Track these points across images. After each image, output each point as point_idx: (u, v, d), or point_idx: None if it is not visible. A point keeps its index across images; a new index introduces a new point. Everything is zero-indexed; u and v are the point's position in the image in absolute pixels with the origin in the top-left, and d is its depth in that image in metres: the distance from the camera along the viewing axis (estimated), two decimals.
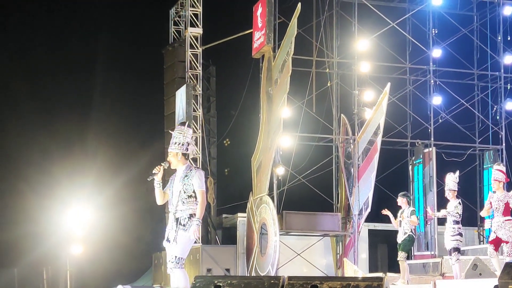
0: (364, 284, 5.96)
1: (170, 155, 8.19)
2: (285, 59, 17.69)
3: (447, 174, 12.99)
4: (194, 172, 8.06)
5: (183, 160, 8.15)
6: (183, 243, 7.99)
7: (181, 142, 8.14)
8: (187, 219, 8.00)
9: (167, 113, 21.91)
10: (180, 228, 7.99)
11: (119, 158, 23.40)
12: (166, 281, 20.94)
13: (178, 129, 8.23)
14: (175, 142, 8.17)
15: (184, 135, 8.17)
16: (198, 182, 8.02)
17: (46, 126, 23.53)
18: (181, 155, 8.14)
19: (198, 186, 8.01)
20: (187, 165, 8.15)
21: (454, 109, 19.91)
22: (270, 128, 18.27)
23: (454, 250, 12.48)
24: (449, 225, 12.64)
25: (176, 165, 8.16)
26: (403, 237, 13.37)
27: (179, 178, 8.12)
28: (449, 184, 12.80)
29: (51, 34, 24.01)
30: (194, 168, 8.14)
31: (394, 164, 20.11)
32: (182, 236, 7.97)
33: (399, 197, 13.81)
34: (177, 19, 21.95)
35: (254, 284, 6.29)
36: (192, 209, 8.03)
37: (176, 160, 8.14)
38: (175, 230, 8.00)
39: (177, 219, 8.03)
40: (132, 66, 23.43)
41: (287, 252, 18.12)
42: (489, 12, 20.23)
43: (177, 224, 8.02)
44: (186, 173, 8.08)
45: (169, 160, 8.17)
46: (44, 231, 21.95)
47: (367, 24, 19.23)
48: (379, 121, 17.96)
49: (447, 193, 12.80)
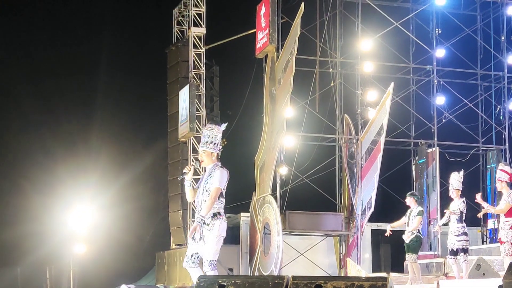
0: (368, 284, 5.96)
1: (204, 154, 8.10)
2: (289, 58, 17.69)
3: (452, 173, 12.99)
4: (216, 170, 8.02)
5: (215, 159, 8.16)
6: (212, 245, 7.94)
7: (215, 142, 8.11)
8: (211, 218, 7.98)
9: (170, 113, 21.92)
10: (204, 227, 7.97)
11: (123, 157, 23.45)
12: (169, 280, 20.97)
13: (212, 128, 8.17)
14: (210, 142, 8.11)
15: (216, 134, 8.14)
16: (216, 178, 7.97)
17: (49, 126, 23.58)
18: (215, 155, 8.14)
19: (215, 182, 7.96)
20: (214, 164, 8.11)
21: (457, 109, 19.90)
22: (273, 128, 18.27)
23: (462, 251, 12.48)
24: (453, 224, 12.62)
25: (207, 164, 8.13)
26: (411, 237, 13.30)
27: (205, 178, 8.10)
28: (453, 183, 12.79)
29: (54, 33, 24.07)
30: (219, 167, 8.08)
31: (397, 164, 20.10)
32: (209, 237, 7.94)
33: (407, 196, 13.80)
34: (180, 19, 21.96)
35: (258, 284, 6.28)
36: (216, 208, 8.01)
37: (210, 160, 8.10)
38: (200, 230, 7.98)
39: (202, 218, 8.02)
40: (135, 66, 23.48)
41: (290, 252, 18.13)
42: (492, 12, 20.21)
43: (202, 224, 8.00)
44: (211, 172, 8.06)
45: (200, 159, 8.12)
46: (47, 230, 21.99)
47: (371, 24, 19.22)
48: (382, 121, 17.95)
49: (451, 192, 12.79)
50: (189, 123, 20.21)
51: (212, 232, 7.94)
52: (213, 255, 7.95)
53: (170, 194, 21.78)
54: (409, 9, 20.28)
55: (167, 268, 21.56)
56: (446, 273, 15.09)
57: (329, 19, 19.10)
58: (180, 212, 20.82)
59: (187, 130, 20.40)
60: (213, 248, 7.94)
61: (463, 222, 12.60)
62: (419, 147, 19.82)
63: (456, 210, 12.55)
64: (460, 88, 20.08)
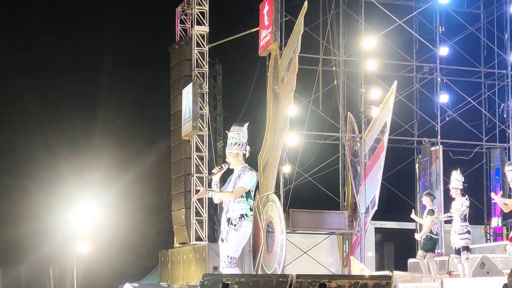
0: (372, 283, 5.95)
1: (230, 156, 8.18)
2: (292, 57, 17.67)
3: (452, 172, 12.98)
4: (246, 172, 8.09)
5: (242, 160, 8.21)
6: (234, 243, 8.02)
7: (240, 143, 8.16)
8: (238, 219, 8.03)
9: (173, 111, 21.93)
10: (231, 228, 8.03)
11: (126, 156, 23.44)
12: (173, 278, 20.99)
13: (235, 129, 8.23)
14: (235, 143, 8.16)
15: (242, 135, 8.19)
16: (244, 179, 8.05)
17: (53, 124, 23.58)
18: (241, 155, 8.15)
19: (242, 182, 8.04)
20: (242, 166, 8.17)
21: (461, 107, 19.86)
22: (276, 126, 18.26)
23: (464, 249, 12.45)
24: (457, 223, 12.60)
25: (235, 165, 8.19)
26: (423, 237, 13.31)
27: (233, 179, 8.16)
28: (452, 182, 12.79)
29: (57, 31, 24.05)
30: (248, 169, 8.17)
31: (400, 162, 20.07)
32: (233, 236, 8.01)
33: (423, 196, 13.80)
34: (183, 17, 21.96)
35: (262, 283, 6.28)
36: (243, 209, 8.07)
37: (236, 161, 8.17)
38: (226, 230, 8.03)
39: (229, 219, 8.08)
40: (138, 64, 23.46)
41: (294, 250, 18.12)
42: (496, 10, 20.17)
43: (228, 224, 8.05)
44: (240, 174, 8.13)
45: (228, 162, 8.18)
46: (50, 229, 22.00)
47: (374, 22, 19.19)
48: (386, 119, 17.93)
49: (452, 191, 12.78)
50: (192, 122, 20.22)
51: (238, 232, 8.04)
52: (234, 252, 8.05)
53: (173, 192, 21.79)
54: (413, 7, 20.24)
55: (171, 266, 21.58)
56: (450, 272, 15.07)
57: (332, 17, 19.07)
58: (183, 211, 20.83)
59: (190, 128, 20.41)
60: (236, 246, 8.05)
61: (466, 221, 12.57)
62: (422, 145, 19.79)
63: (464, 210, 12.53)
64: (463, 86, 20.04)
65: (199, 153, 20.84)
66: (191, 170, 20.77)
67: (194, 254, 19.89)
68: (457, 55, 20.13)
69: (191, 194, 20.70)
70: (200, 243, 20.06)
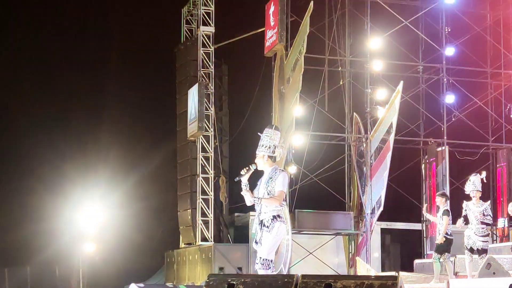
0: (378, 283, 5.93)
1: (258, 157, 8.25)
2: (298, 57, 17.67)
3: (473, 175, 12.94)
4: (278, 174, 8.13)
5: (270, 162, 8.22)
6: (268, 245, 8.05)
7: (268, 145, 8.22)
8: (271, 221, 8.06)
9: (179, 112, 21.94)
10: (264, 230, 8.07)
11: (132, 156, 23.45)
12: (179, 279, 20.99)
13: (266, 132, 8.31)
14: (262, 145, 8.25)
15: (272, 138, 8.26)
16: (280, 183, 8.11)
17: (59, 125, 23.62)
18: (268, 157, 8.19)
19: (279, 186, 8.10)
20: (273, 168, 8.22)
21: (467, 108, 19.83)
22: (282, 127, 18.24)
23: (484, 251, 12.46)
24: (476, 225, 12.58)
25: (263, 167, 8.25)
26: (439, 240, 13.22)
27: (265, 181, 8.20)
28: (477, 185, 12.77)
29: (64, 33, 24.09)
30: (279, 171, 8.22)
31: (406, 163, 20.04)
32: (266, 238, 8.04)
33: (437, 196, 13.75)
34: (189, 18, 21.97)
35: (267, 283, 6.27)
36: (276, 210, 8.10)
37: (263, 162, 8.22)
38: (260, 232, 8.06)
39: (261, 221, 8.12)
40: (144, 65, 23.47)
41: (299, 251, 18.11)
42: (502, 10, 20.13)
43: (261, 226, 8.09)
44: (271, 176, 8.17)
45: (256, 162, 8.23)
46: (57, 229, 22.03)
47: (380, 22, 19.18)
48: (392, 119, 17.91)
49: (475, 193, 12.74)
50: (198, 122, 20.22)
51: (271, 233, 8.06)
52: (267, 254, 8.07)
53: (179, 193, 21.79)
54: (419, 7, 20.21)
55: (176, 267, 21.58)
56: (456, 272, 15.03)
57: (338, 17, 19.06)
58: (189, 211, 20.83)
59: (196, 129, 20.41)
60: (269, 247, 8.07)
61: (485, 224, 12.57)
62: (428, 146, 19.76)
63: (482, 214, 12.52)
64: (469, 87, 20.01)
65: (204, 154, 20.84)
66: (197, 170, 20.77)
67: (200, 255, 19.90)
68: (463, 55, 20.10)
69: (197, 194, 20.70)
70: (206, 244, 20.06)
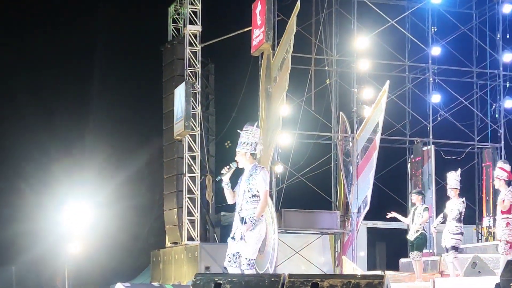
0: (364, 282, 5.94)
1: (239, 155, 8.23)
2: (284, 56, 17.66)
3: (449, 172, 12.94)
4: (259, 172, 8.12)
5: (251, 159, 8.22)
6: (252, 243, 8.06)
7: (249, 142, 8.21)
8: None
9: (165, 111, 21.88)
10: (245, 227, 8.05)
11: (118, 156, 23.38)
12: (165, 278, 20.94)
13: (246, 129, 8.28)
14: (243, 142, 8.23)
15: (253, 135, 8.23)
16: (262, 182, 8.09)
17: (44, 124, 23.49)
18: (249, 154, 8.16)
19: (262, 185, 8.09)
20: (253, 165, 8.21)
21: (453, 107, 19.90)
22: (269, 126, 18.24)
23: (453, 249, 12.44)
24: (452, 223, 12.58)
25: (244, 164, 8.23)
26: (415, 235, 13.22)
27: (245, 178, 8.19)
28: (451, 182, 12.73)
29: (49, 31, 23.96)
30: (260, 168, 8.22)
31: (393, 162, 20.10)
32: (250, 236, 8.02)
33: (413, 194, 13.76)
34: (176, 17, 21.92)
35: (254, 282, 6.27)
36: (256, 208, 8.07)
37: (244, 160, 8.21)
38: (240, 230, 8.04)
39: (242, 218, 8.10)
40: (131, 64, 23.39)
41: (286, 250, 18.11)
42: (488, 10, 20.23)
43: (242, 223, 8.09)
44: (252, 173, 8.16)
45: (237, 160, 8.20)
46: (42, 229, 21.92)
47: (366, 22, 19.21)
48: (378, 119, 17.94)
49: (449, 191, 12.73)
50: (185, 121, 20.18)
51: (253, 232, 8.04)
52: (253, 254, 8.08)
53: (165, 192, 21.74)
54: (405, 7, 20.27)
55: (162, 266, 21.53)
56: (442, 271, 15.08)
57: (324, 17, 19.07)
58: (175, 210, 20.79)
59: (182, 128, 20.37)
60: (254, 247, 8.08)
61: (461, 222, 12.57)
62: (414, 145, 19.82)
63: (455, 211, 12.51)
64: (455, 86, 20.08)
65: (191, 153, 20.80)
66: (183, 169, 20.73)
67: (186, 254, 19.86)
68: (449, 55, 20.18)
69: (183, 193, 20.66)
70: (192, 243, 20.02)
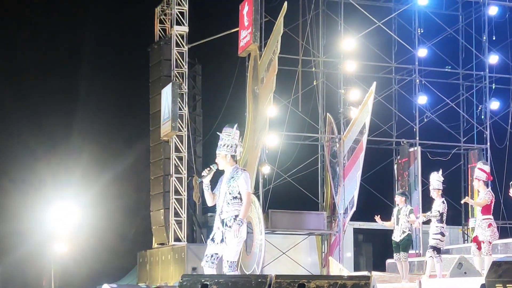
0: (351, 283, 5.95)
1: (219, 157, 8.20)
2: (271, 58, 17.68)
3: (432, 173, 13.00)
4: (240, 174, 8.10)
5: (231, 161, 8.19)
6: (233, 245, 8.00)
7: (229, 144, 8.18)
8: (233, 220, 8.01)
9: (152, 112, 21.85)
10: (226, 229, 8.02)
11: (104, 156, 23.32)
12: (151, 279, 20.90)
13: (226, 131, 8.25)
14: (224, 144, 8.20)
15: (233, 137, 8.20)
16: (244, 183, 8.07)
17: (31, 124, 23.40)
18: (230, 156, 8.15)
19: (243, 187, 8.06)
20: (234, 167, 8.18)
21: (439, 109, 19.99)
22: (256, 127, 18.26)
23: (431, 248, 12.51)
24: (433, 224, 12.67)
25: (224, 166, 8.21)
26: (402, 236, 13.25)
27: (226, 180, 8.16)
28: (433, 183, 12.79)
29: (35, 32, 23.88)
30: (241, 170, 8.19)
31: (379, 163, 20.16)
32: (231, 238, 7.98)
33: (397, 195, 13.78)
34: (163, 17, 21.89)
35: (241, 283, 6.27)
36: (237, 210, 8.05)
37: (225, 162, 8.18)
38: (221, 232, 8.00)
39: (223, 220, 8.06)
40: (117, 64, 23.34)
41: (273, 251, 18.12)
42: (474, 12, 20.33)
43: (223, 226, 8.04)
44: (233, 175, 8.13)
45: (217, 162, 8.18)
46: (28, 229, 21.83)
47: (353, 24, 19.26)
48: (365, 120, 17.98)
49: (432, 192, 12.79)
50: (171, 122, 20.16)
51: (234, 234, 7.99)
52: (234, 256, 8.04)
53: (152, 193, 21.71)
54: (392, 8, 20.35)
55: (149, 267, 21.49)
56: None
57: (312, 18, 19.11)
58: (162, 211, 20.76)
59: (169, 129, 20.35)
60: (235, 249, 8.03)
61: (443, 222, 12.60)
62: (401, 146, 19.89)
63: (435, 212, 12.57)
64: (442, 88, 20.17)
65: (178, 154, 20.78)
66: (170, 170, 20.71)
67: (173, 255, 19.83)
68: (435, 56, 20.27)
69: (170, 194, 20.63)
70: (179, 244, 20.00)
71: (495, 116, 20.10)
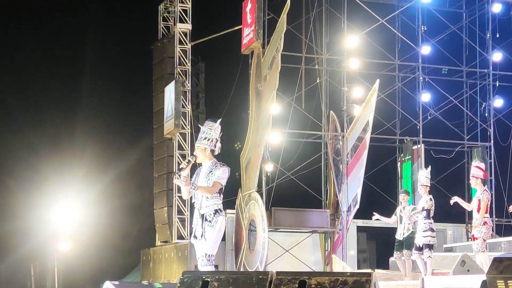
0: (352, 279, 5.92)
1: (198, 150, 8.11)
2: (275, 55, 17.66)
3: (420, 170, 13.01)
4: (219, 167, 8.02)
5: (210, 156, 8.10)
6: (212, 240, 7.95)
7: (210, 138, 8.09)
8: (213, 215, 7.97)
9: (155, 109, 21.86)
10: (206, 224, 7.97)
11: (107, 154, 23.35)
12: (155, 277, 20.91)
13: (208, 125, 8.17)
14: (204, 138, 8.10)
15: (214, 131, 8.13)
16: (219, 174, 7.98)
17: (34, 123, 23.45)
18: (209, 151, 8.09)
19: (217, 177, 7.97)
20: (213, 161, 8.09)
21: (442, 106, 19.93)
22: (259, 125, 18.24)
23: (426, 247, 12.47)
24: (420, 221, 12.65)
25: (203, 160, 8.12)
26: (407, 234, 13.20)
27: (204, 174, 8.07)
28: (421, 179, 12.78)
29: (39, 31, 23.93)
30: (220, 164, 8.09)
31: (382, 161, 20.11)
32: (210, 233, 7.94)
33: (400, 194, 13.77)
34: (166, 15, 21.89)
35: (242, 280, 6.24)
36: (216, 204, 8.01)
37: (204, 155, 8.09)
38: (201, 227, 7.97)
39: (203, 215, 8.00)
40: (121, 62, 23.38)
41: (276, 249, 18.11)
42: (478, 9, 20.27)
43: (203, 221, 7.99)
44: (211, 169, 8.04)
45: (195, 154, 8.11)
46: (31, 227, 21.87)
47: (357, 21, 19.21)
48: (368, 118, 17.95)
49: (420, 188, 12.78)
50: (175, 120, 20.16)
51: (214, 228, 7.97)
52: (212, 250, 8.02)
53: (155, 191, 21.72)
54: (395, 6, 20.30)
55: (152, 265, 21.51)
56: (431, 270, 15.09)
57: (315, 15, 19.07)
58: (166, 209, 20.76)
59: (172, 126, 20.35)
60: (213, 243, 7.99)
61: (430, 218, 12.58)
62: (404, 144, 19.85)
63: (419, 208, 12.58)
64: (445, 85, 20.12)
65: (181, 151, 20.78)
66: (173, 168, 20.72)
67: (176, 253, 19.83)
68: (439, 54, 20.20)
69: (173, 192, 20.64)
70: (182, 242, 20.00)
71: (498, 114, 20.04)
